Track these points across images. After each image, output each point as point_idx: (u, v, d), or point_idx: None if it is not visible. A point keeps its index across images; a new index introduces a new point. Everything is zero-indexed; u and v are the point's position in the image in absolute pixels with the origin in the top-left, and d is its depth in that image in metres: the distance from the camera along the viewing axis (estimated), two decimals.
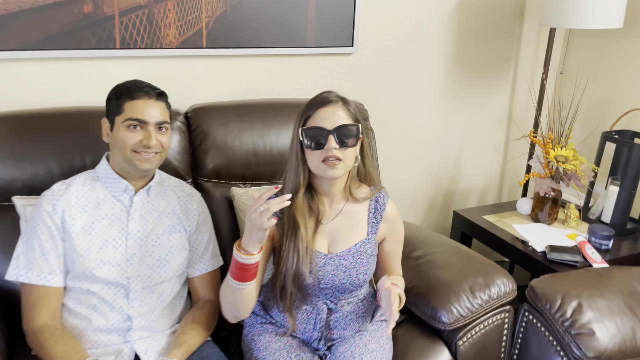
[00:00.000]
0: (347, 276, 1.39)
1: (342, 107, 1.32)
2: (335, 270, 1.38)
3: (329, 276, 1.38)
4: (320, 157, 1.29)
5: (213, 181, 1.79)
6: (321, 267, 1.37)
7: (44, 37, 1.64)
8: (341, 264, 1.39)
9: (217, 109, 1.81)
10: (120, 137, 1.36)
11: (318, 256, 1.38)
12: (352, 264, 1.40)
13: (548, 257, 1.88)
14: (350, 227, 1.42)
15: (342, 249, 1.40)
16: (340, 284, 1.39)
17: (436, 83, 2.34)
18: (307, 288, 1.38)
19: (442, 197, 2.56)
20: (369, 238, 1.43)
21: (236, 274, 1.23)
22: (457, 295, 1.56)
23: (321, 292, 1.41)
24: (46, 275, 1.33)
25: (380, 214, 1.44)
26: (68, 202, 1.37)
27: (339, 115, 1.30)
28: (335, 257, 1.39)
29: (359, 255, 1.41)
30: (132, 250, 1.40)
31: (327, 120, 1.29)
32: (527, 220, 2.21)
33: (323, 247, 1.40)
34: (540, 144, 2.10)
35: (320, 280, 1.38)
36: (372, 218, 1.44)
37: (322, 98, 1.32)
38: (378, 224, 1.44)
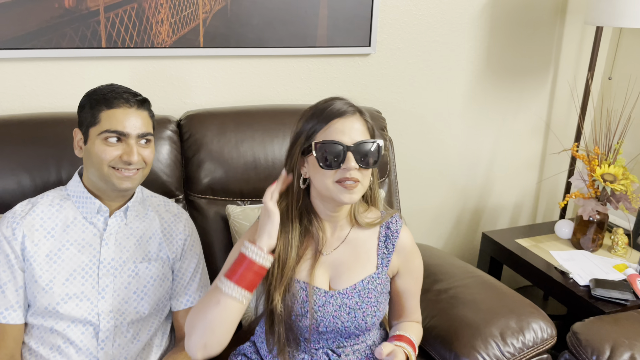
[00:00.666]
0: (351, 318, 1.15)
1: (359, 120, 1.09)
2: (337, 310, 1.15)
3: (330, 318, 1.15)
4: (334, 177, 1.06)
5: (207, 197, 1.59)
6: (320, 307, 1.14)
7: (20, 34, 1.46)
8: (344, 304, 1.16)
9: (214, 116, 1.61)
10: (96, 152, 1.16)
11: (317, 293, 1.15)
12: (357, 304, 1.16)
13: (593, 293, 1.61)
14: (357, 259, 1.19)
15: (346, 285, 1.17)
16: (343, 327, 1.16)
17: (464, 88, 2.10)
18: (302, 331, 1.16)
19: (469, 216, 2.31)
20: (378, 272, 1.19)
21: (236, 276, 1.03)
22: (485, 341, 1.33)
23: (321, 337, 1.18)
24: (2, 312, 1.15)
25: (393, 242, 1.20)
26: (31, 225, 1.18)
27: (357, 129, 1.07)
28: (338, 295, 1.16)
29: (367, 293, 1.17)
30: (105, 282, 1.20)
31: (345, 135, 1.06)
32: (566, 245, 1.94)
33: (323, 282, 1.17)
34: (585, 160, 1.84)
35: (320, 323, 1.15)
36: (383, 248, 1.20)
37: (336, 108, 1.08)
38: (390, 255, 1.20)
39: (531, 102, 2.23)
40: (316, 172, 1.08)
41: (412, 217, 2.16)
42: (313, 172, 1.09)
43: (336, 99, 1.12)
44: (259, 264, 1.04)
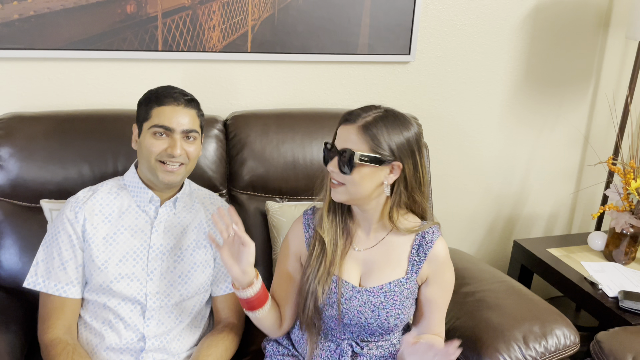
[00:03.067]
0: (375, 316, 1.22)
1: (357, 129, 1.14)
2: (362, 306, 1.22)
3: (354, 312, 1.22)
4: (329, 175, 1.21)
5: (248, 193, 1.69)
6: (347, 300, 1.22)
7: (85, 37, 1.60)
8: (370, 301, 1.22)
9: (257, 117, 1.71)
10: (146, 145, 1.29)
11: (345, 287, 1.23)
12: (382, 304, 1.22)
13: (620, 304, 1.62)
14: (388, 261, 1.25)
15: (375, 284, 1.24)
16: (366, 323, 1.23)
17: (503, 97, 2.13)
18: (329, 320, 1.24)
19: (502, 224, 2.33)
20: (407, 278, 1.24)
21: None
22: (507, 344, 1.37)
23: (346, 329, 1.25)
24: (63, 286, 1.27)
25: (425, 252, 1.24)
26: (91, 209, 1.31)
27: (349, 137, 1.15)
28: (365, 292, 1.23)
29: (393, 295, 1.23)
30: (153, 265, 1.32)
31: (339, 140, 1.18)
32: (599, 257, 1.95)
33: (354, 277, 1.25)
34: (620, 173, 1.84)
35: (344, 315, 1.23)
36: (415, 255, 1.25)
37: (348, 114, 1.18)
38: (421, 263, 1.24)
39: (570, 114, 2.24)
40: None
41: (446, 222, 2.19)
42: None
43: (367, 106, 1.20)
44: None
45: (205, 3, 1.67)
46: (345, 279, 1.24)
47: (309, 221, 1.30)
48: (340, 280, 1.23)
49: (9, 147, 1.48)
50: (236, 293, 1.20)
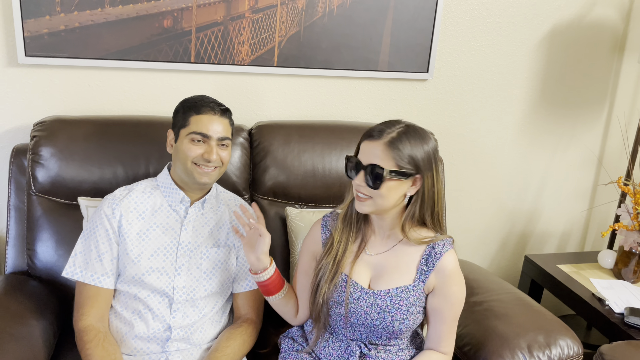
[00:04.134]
0: (380, 318, 1.28)
1: (383, 145, 1.20)
2: (369, 307, 1.29)
3: (362, 312, 1.29)
4: (354, 187, 1.28)
5: (269, 199, 1.78)
6: (355, 300, 1.30)
7: (124, 47, 1.72)
8: (376, 304, 1.29)
9: (281, 128, 1.81)
10: (183, 149, 1.38)
11: (354, 287, 1.31)
12: (388, 307, 1.28)
13: (626, 320, 1.67)
14: (397, 267, 1.31)
15: (382, 287, 1.30)
16: (372, 324, 1.29)
17: (518, 116, 2.20)
18: (337, 317, 1.32)
19: (515, 239, 2.38)
20: (414, 285, 1.29)
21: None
22: (512, 352, 1.42)
23: (354, 329, 1.32)
24: (99, 276, 1.37)
25: (434, 262, 1.28)
26: (127, 207, 1.41)
27: (375, 153, 1.21)
28: (372, 294, 1.30)
29: (398, 300, 1.28)
30: (182, 261, 1.41)
31: (364, 155, 1.24)
32: (608, 275, 1.99)
33: (364, 280, 1.33)
34: (630, 193, 1.89)
35: (352, 315, 1.30)
36: (423, 265, 1.29)
37: (371, 130, 1.25)
38: (428, 272, 1.29)
39: (584, 135, 2.29)
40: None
41: (459, 236, 2.27)
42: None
43: (389, 121, 1.27)
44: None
45: (236, 19, 1.78)
46: (355, 279, 1.31)
47: (327, 223, 1.39)
48: (350, 281, 1.31)
49: (50, 147, 1.59)
50: (253, 278, 1.36)
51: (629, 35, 2.18)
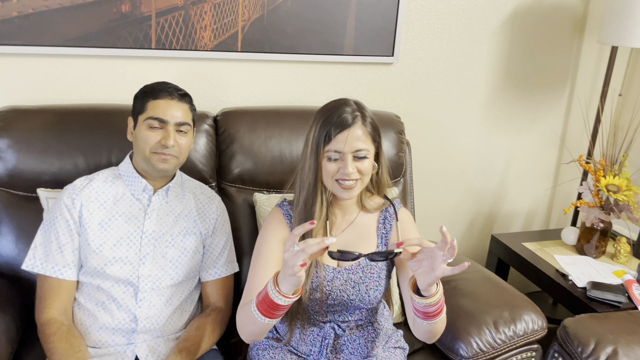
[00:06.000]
0: (356, 292, 1.32)
1: (361, 127, 1.25)
2: (343, 285, 1.32)
3: (337, 291, 1.31)
4: (335, 173, 1.24)
5: (237, 186, 1.76)
6: (329, 282, 1.31)
7: (82, 34, 1.67)
8: (350, 279, 1.32)
9: (246, 114, 1.79)
10: (141, 136, 1.36)
11: (326, 270, 1.32)
12: (361, 279, 1.32)
13: (588, 294, 1.72)
14: (360, 239, 1.36)
15: (352, 262, 1.33)
16: (349, 300, 1.32)
17: (482, 99, 2.22)
18: (314, 304, 1.33)
19: (482, 220, 2.42)
20: (378, 250, 1.35)
21: (265, 310, 1.08)
22: (479, 328, 1.46)
23: (328, 311, 1.34)
24: (60, 268, 1.34)
25: (390, 223, 1.37)
26: (88, 197, 1.38)
27: (358, 136, 1.24)
28: (344, 271, 1.32)
29: (369, 269, 1.33)
30: (146, 250, 1.39)
31: (345, 144, 1.23)
32: (572, 251, 2.05)
33: (332, 260, 1.33)
34: (591, 171, 1.94)
35: (328, 296, 1.31)
36: (382, 229, 1.37)
37: (344, 119, 1.23)
38: (388, 234, 1.37)
39: (547, 116, 2.33)
40: (324, 169, 1.26)
41: (427, 218, 2.30)
42: (323, 168, 1.26)
43: (345, 105, 1.26)
44: (280, 304, 1.07)
45: (197, 4, 1.74)
46: (325, 263, 1.32)
47: (289, 211, 1.37)
48: (321, 265, 1.31)
49: (7, 139, 1.54)
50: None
51: (588, 16, 2.23)
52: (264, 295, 1.08)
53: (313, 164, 1.27)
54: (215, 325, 1.42)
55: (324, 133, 1.24)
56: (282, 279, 1.05)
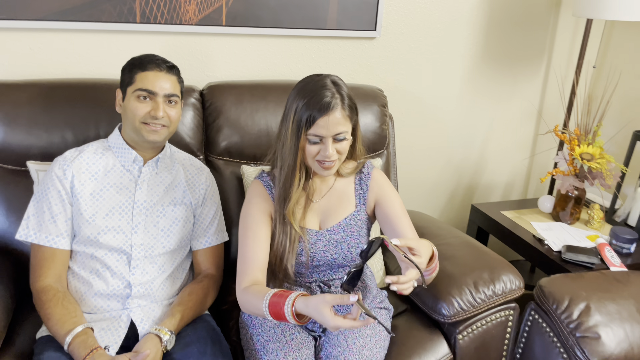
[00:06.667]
0: (338, 251, 1.40)
1: (340, 110, 1.27)
2: (326, 245, 1.39)
3: (321, 252, 1.39)
4: (316, 155, 1.30)
5: (224, 159, 1.80)
6: (313, 244, 1.39)
7: (66, 8, 1.67)
8: (332, 239, 1.40)
9: (232, 88, 1.81)
10: (130, 108, 1.38)
11: (309, 234, 1.39)
12: (343, 238, 1.40)
13: (563, 257, 1.80)
14: (340, 202, 1.44)
15: (333, 223, 1.42)
16: (332, 259, 1.40)
17: (462, 72, 2.28)
18: (300, 267, 1.39)
19: (463, 191, 2.50)
20: (357, 210, 1.44)
21: (276, 317, 1.20)
22: (460, 289, 1.53)
23: (313, 271, 1.41)
24: (54, 238, 1.37)
25: (366, 183, 1.45)
26: (78, 168, 1.40)
27: (338, 121, 1.27)
28: (326, 233, 1.40)
29: (350, 228, 1.41)
30: (138, 219, 1.42)
31: (327, 129, 1.26)
32: (548, 218, 2.13)
33: (314, 224, 1.42)
34: (566, 140, 2.02)
35: (313, 257, 1.38)
36: (359, 189, 1.45)
37: (324, 104, 1.25)
38: (365, 194, 1.45)
39: (524, 89, 2.40)
40: (306, 149, 1.30)
41: (409, 189, 2.36)
42: (305, 148, 1.30)
43: (324, 90, 1.27)
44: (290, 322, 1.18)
45: None
46: (308, 227, 1.39)
47: (269, 183, 1.42)
48: (304, 230, 1.38)
49: None
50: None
51: None
52: (280, 312, 1.17)
53: (293, 147, 1.30)
54: (207, 291, 1.47)
55: (305, 118, 1.26)
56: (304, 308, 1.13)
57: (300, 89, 1.31)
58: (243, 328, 1.48)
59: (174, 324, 1.33)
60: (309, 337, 1.40)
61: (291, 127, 1.29)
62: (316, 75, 1.34)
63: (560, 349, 1.47)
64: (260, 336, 1.40)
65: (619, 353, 1.39)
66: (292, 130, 1.29)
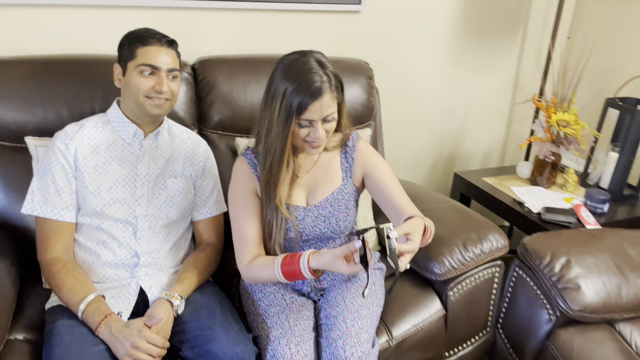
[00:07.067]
0: (327, 225, 1.43)
1: (329, 93, 1.26)
2: (314, 221, 1.42)
3: (310, 227, 1.42)
4: (305, 136, 1.30)
5: (218, 132, 1.83)
6: (301, 220, 1.41)
7: None
8: (320, 214, 1.42)
9: (224, 62, 1.84)
10: (133, 82, 1.39)
11: (297, 210, 1.41)
12: (330, 213, 1.43)
13: (543, 217, 1.92)
14: (326, 176, 1.44)
15: (320, 199, 1.43)
16: (321, 233, 1.43)
17: (443, 45, 2.35)
18: (289, 243, 1.43)
19: (444, 160, 2.59)
20: (345, 184, 1.45)
21: (290, 278, 1.29)
22: (450, 249, 1.62)
23: (305, 244, 1.45)
24: (60, 211, 1.39)
25: (352, 156, 1.45)
26: (80, 142, 1.43)
27: (328, 104, 1.27)
28: (314, 208, 1.42)
29: (337, 202, 1.43)
30: (141, 192, 1.46)
31: (318, 114, 1.26)
32: (526, 183, 2.25)
33: (301, 200, 1.43)
34: (543, 108, 2.12)
35: (302, 233, 1.42)
36: (345, 162, 1.45)
37: (315, 90, 1.24)
38: (351, 167, 1.45)
39: (502, 60, 2.49)
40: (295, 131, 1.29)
41: (395, 159, 2.44)
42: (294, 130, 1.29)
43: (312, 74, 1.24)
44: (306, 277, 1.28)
45: None
46: (295, 204, 1.41)
47: (253, 160, 1.42)
48: (291, 207, 1.40)
49: None
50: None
51: None
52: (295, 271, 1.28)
53: (282, 133, 1.28)
54: (210, 259, 1.52)
55: (297, 104, 1.24)
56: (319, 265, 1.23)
57: (287, 72, 1.27)
58: (244, 295, 1.54)
59: (183, 289, 1.39)
60: (308, 301, 1.47)
61: (278, 113, 1.27)
62: (298, 54, 1.29)
63: (544, 301, 1.58)
64: (262, 301, 1.46)
65: (597, 301, 1.51)
66: (280, 116, 1.27)
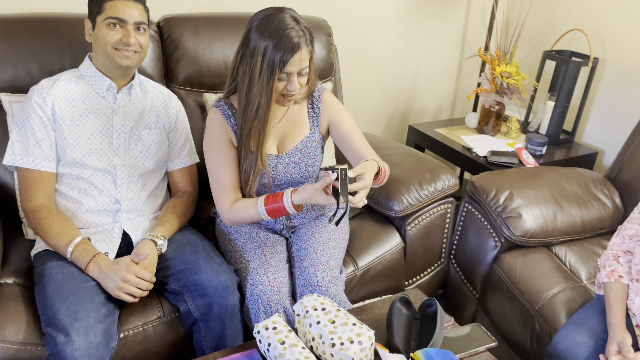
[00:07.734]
0: (297, 171, 1.55)
1: (305, 47, 1.35)
2: (286, 167, 1.54)
3: (282, 174, 1.54)
4: (282, 90, 1.39)
5: (186, 89, 1.90)
6: (273, 168, 1.52)
7: None
8: (291, 161, 1.54)
9: (188, 20, 1.90)
10: (102, 35, 1.45)
11: (270, 158, 1.52)
12: (300, 159, 1.55)
13: (488, 160, 2.11)
14: (295, 126, 1.55)
15: (291, 147, 1.55)
16: (292, 178, 1.56)
17: (396, 4, 2.46)
18: (262, 188, 1.55)
19: (399, 115, 2.75)
20: (312, 132, 1.56)
21: (274, 214, 1.42)
22: (407, 188, 1.78)
23: (276, 188, 1.57)
24: (41, 161, 1.45)
25: (318, 106, 1.56)
26: (57, 95, 1.48)
27: (304, 57, 1.36)
28: (285, 156, 1.54)
29: (306, 150, 1.55)
30: (117, 143, 1.53)
31: (296, 67, 1.35)
32: (474, 132, 2.43)
33: (273, 149, 1.54)
34: (488, 61, 2.29)
35: (274, 179, 1.54)
36: (312, 113, 1.56)
37: (295, 44, 1.32)
38: (318, 116, 1.56)
39: (450, 17, 2.64)
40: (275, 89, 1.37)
41: (353, 114, 2.57)
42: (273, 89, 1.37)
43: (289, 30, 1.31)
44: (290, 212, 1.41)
45: None
46: (268, 152, 1.52)
47: (227, 112, 1.49)
48: (264, 154, 1.49)
49: None
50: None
51: None
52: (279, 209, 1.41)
53: (265, 88, 1.35)
54: (188, 205, 1.62)
55: (278, 59, 1.31)
56: (301, 200, 1.36)
57: (265, 29, 1.33)
58: (221, 236, 1.66)
59: (164, 230, 1.49)
60: (280, 238, 1.61)
61: (260, 69, 1.33)
62: (273, 10, 1.35)
63: (490, 230, 1.78)
64: (239, 240, 1.59)
65: (536, 227, 1.72)
66: (262, 72, 1.33)
